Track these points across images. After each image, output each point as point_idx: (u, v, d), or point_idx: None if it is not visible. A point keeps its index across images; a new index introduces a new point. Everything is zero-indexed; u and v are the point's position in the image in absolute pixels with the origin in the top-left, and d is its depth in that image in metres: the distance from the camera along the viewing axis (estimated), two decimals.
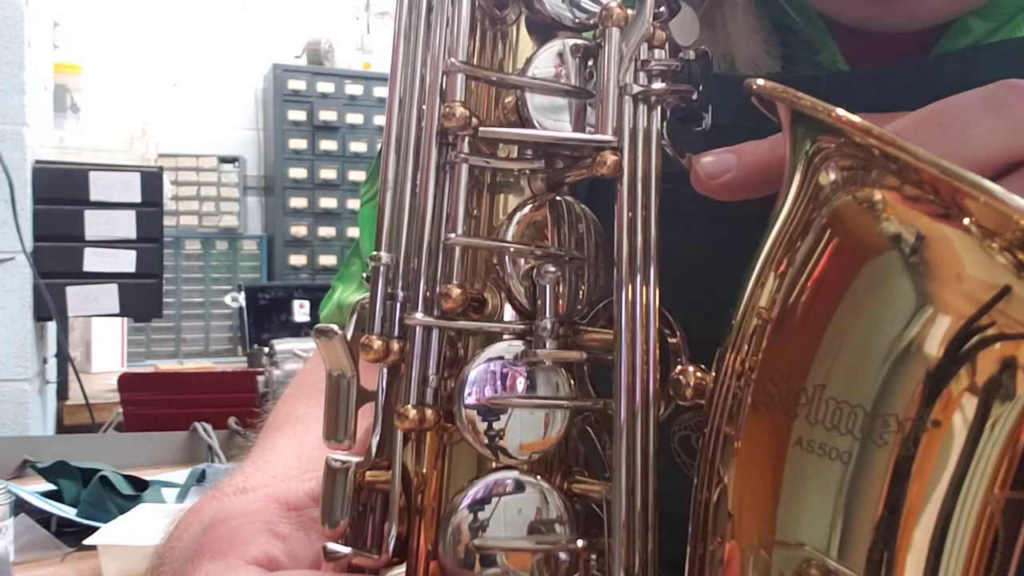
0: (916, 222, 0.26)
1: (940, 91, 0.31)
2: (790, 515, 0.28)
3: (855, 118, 0.26)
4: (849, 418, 0.27)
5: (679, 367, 0.33)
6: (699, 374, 0.33)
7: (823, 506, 0.28)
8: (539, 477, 0.34)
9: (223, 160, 3.79)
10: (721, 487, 0.31)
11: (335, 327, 0.35)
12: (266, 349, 1.83)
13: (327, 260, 3.70)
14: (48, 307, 2.09)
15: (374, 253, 0.35)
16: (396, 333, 0.34)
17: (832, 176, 0.28)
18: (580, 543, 0.34)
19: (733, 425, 0.30)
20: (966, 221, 0.25)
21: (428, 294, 0.34)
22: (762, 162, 0.33)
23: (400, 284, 0.34)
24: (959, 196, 0.24)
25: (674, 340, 0.35)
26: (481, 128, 0.33)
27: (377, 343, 0.34)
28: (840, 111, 0.26)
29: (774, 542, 0.29)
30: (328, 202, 3.70)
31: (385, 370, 0.35)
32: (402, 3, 0.35)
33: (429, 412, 0.33)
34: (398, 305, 0.34)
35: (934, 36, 0.46)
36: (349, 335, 0.35)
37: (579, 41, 0.35)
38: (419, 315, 0.33)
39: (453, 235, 0.33)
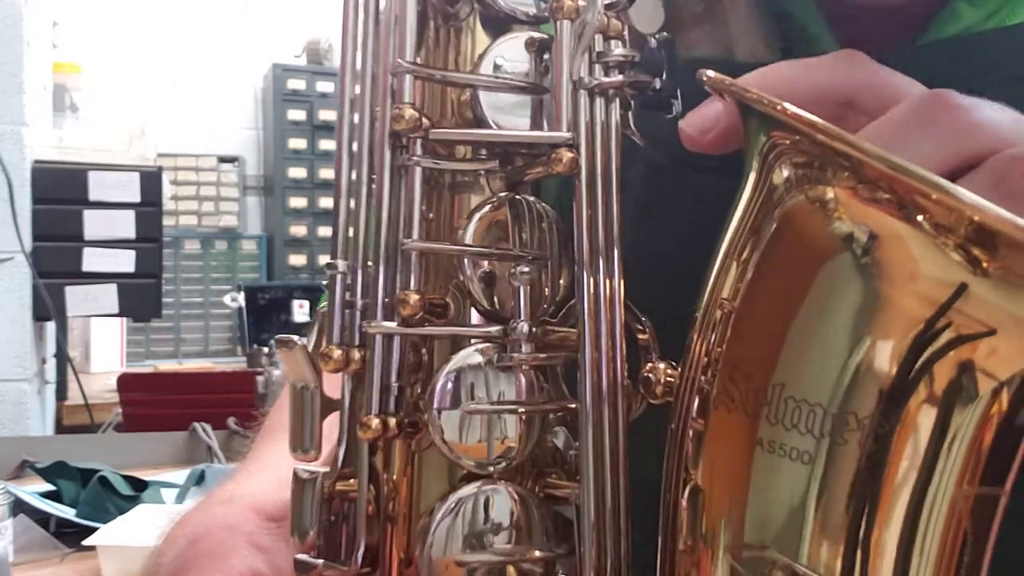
0: (868, 220, 0.25)
1: (932, 81, 0.30)
2: (755, 517, 0.28)
3: (803, 113, 0.25)
4: (808, 417, 0.26)
5: (649, 364, 0.33)
6: (669, 371, 0.32)
7: (787, 508, 0.27)
8: (511, 483, 0.33)
9: (222, 160, 3.78)
10: (691, 485, 0.30)
11: (295, 337, 0.34)
12: (265, 349, 1.83)
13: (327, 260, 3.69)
14: (47, 307, 2.09)
15: (330, 261, 0.34)
16: (357, 342, 0.34)
17: (785, 173, 0.27)
18: (554, 550, 0.33)
19: (698, 421, 0.30)
20: (919, 218, 0.24)
21: (387, 300, 0.33)
22: None
23: (360, 291, 0.34)
24: (911, 193, 0.24)
25: (644, 336, 0.34)
26: (432, 130, 0.32)
27: (336, 353, 0.33)
28: (787, 105, 0.26)
29: (742, 544, 0.28)
30: (328, 202, 3.67)
31: (348, 379, 0.34)
32: (348, 2, 0.35)
33: (392, 421, 0.32)
34: (357, 313, 0.34)
35: (926, 21, 0.45)
36: (311, 344, 0.34)
37: (534, 35, 0.34)
38: (380, 323, 0.33)
39: (409, 240, 0.33)
